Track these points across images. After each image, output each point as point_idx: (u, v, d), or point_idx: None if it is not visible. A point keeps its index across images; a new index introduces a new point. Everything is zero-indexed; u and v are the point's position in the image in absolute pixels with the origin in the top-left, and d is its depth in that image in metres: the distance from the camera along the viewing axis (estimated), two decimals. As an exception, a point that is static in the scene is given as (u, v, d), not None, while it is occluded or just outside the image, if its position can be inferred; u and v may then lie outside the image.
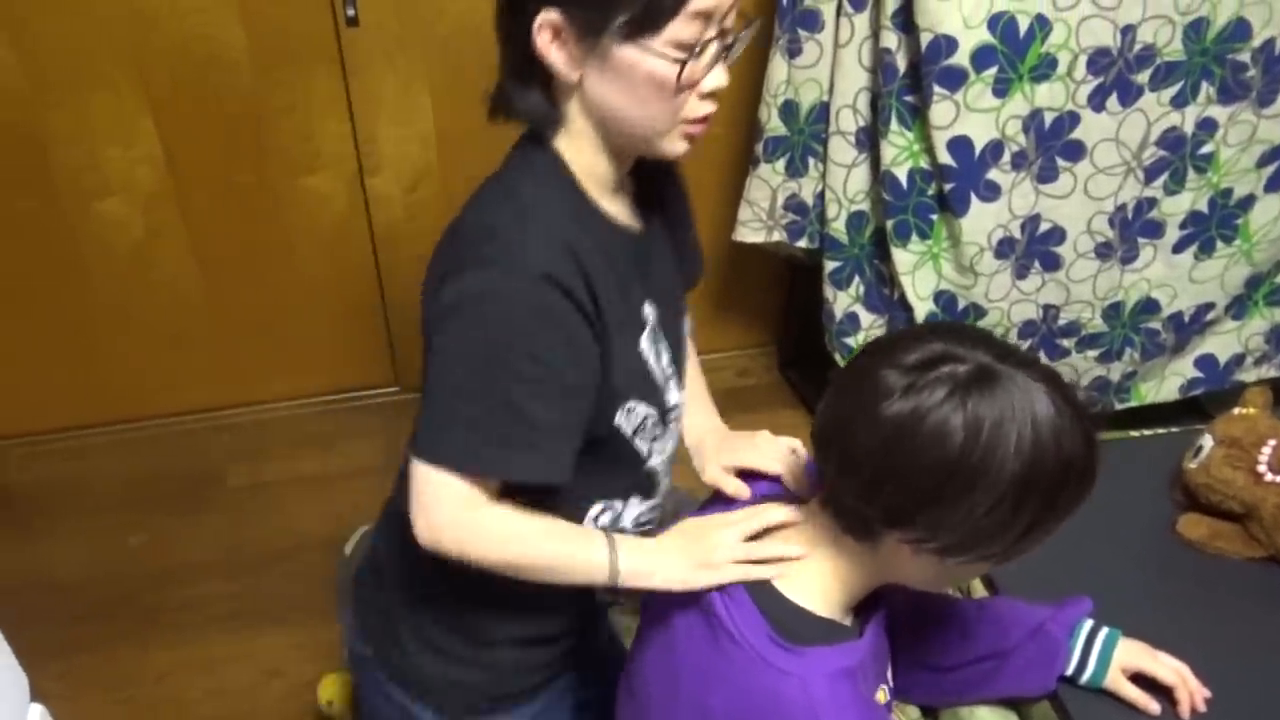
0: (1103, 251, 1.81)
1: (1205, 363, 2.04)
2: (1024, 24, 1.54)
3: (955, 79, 1.57)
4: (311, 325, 2.27)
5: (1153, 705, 1.26)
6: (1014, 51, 1.56)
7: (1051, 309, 1.88)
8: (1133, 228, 1.80)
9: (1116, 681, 1.28)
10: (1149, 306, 1.91)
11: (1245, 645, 1.37)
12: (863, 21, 1.65)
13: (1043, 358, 1.95)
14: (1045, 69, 1.58)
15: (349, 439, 2.33)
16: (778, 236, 1.94)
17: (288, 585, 2.03)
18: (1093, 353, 1.95)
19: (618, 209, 1.02)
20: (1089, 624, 1.31)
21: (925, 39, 1.54)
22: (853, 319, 1.94)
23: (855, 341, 1.96)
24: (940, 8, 1.52)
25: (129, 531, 2.15)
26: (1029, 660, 1.30)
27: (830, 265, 1.89)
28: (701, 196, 2.29)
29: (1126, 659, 1.28)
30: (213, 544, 2.13)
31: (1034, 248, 1.79)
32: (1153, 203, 1.78)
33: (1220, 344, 2.02)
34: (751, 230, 1.97)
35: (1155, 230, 1.81)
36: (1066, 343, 1.93)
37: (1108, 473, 1.62)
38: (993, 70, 1.57)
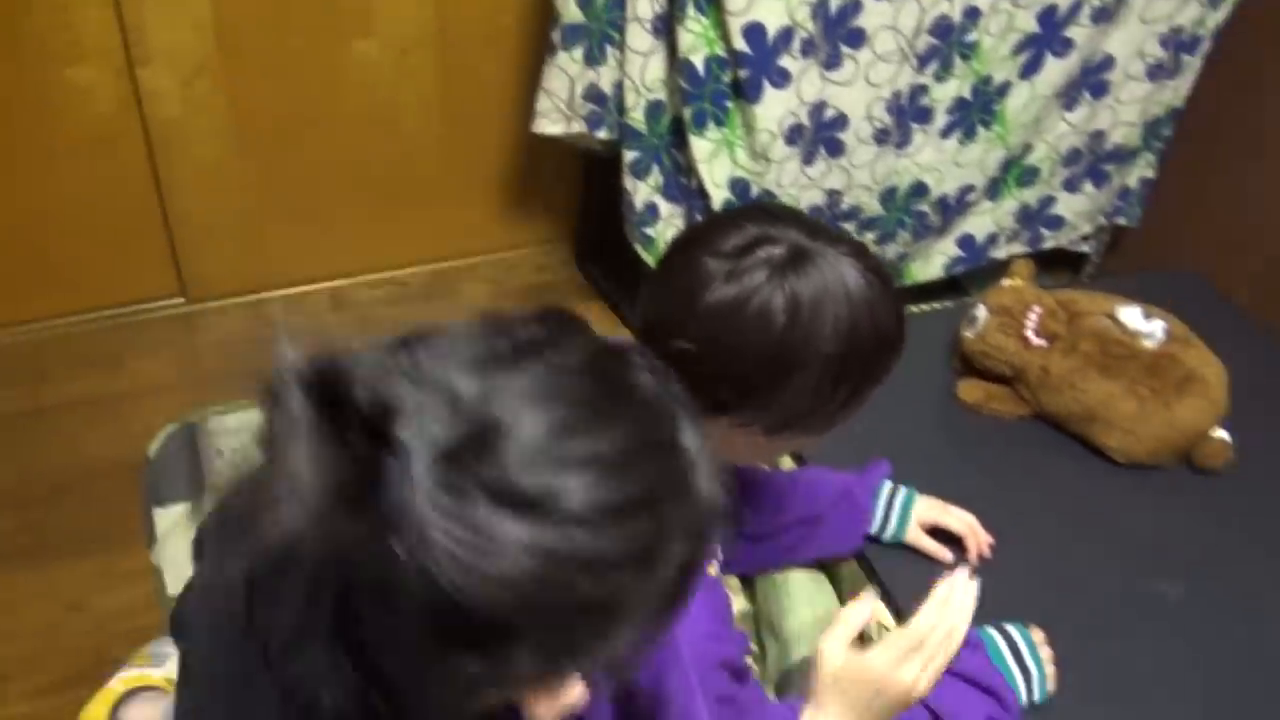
0: (880, 138, 1.94)
1: (965, 242, 2.23)
2: (810, -89, 1.61)
3: (748, -34, 1.63)
4: (82, 235, 2.10)
5: (946, 554, 1.40)
6: (802, -62, 1.63)
7: (835, 194, 2.00)
8: (907, 114, 1.93)
9: (915, 536, 1.41)
10: (919, 190, 2.06)
11: (1018, 494, 1.54)
12: (661, -93, 1.68)
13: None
14: (830, -44, 1.67)
15: (135, 356, 2.19)
16: (577, 128, 1.96)
17: (81, 515, 1.91)
18: (870, 235, 2.10)
19: None
20: (888, 485, 1.43)
21: (719, -75, 1.59)
22: (652, 209, 1.99)
23: (655, 232, 2.02)
24: (732, -107, 1.57)
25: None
26: (837, 524, 1.41)
27: (629, 156, 1.93)
28: (495, 90, 2.28)
29: (923, 515, 1.41)
30: (-6, 477, 1.98)
31: (820, 134, 1.89)
32: (924, 89, 1.91)
33: (978, 224, 2.21)
34: (551, 122, 1.97)
35: (925, 116, 1.95)
36: (849, 226, 2.06)
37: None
38: (783, -43, 1.64)
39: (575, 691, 0.63)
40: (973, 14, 1.83)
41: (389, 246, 2.36)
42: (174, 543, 1.84)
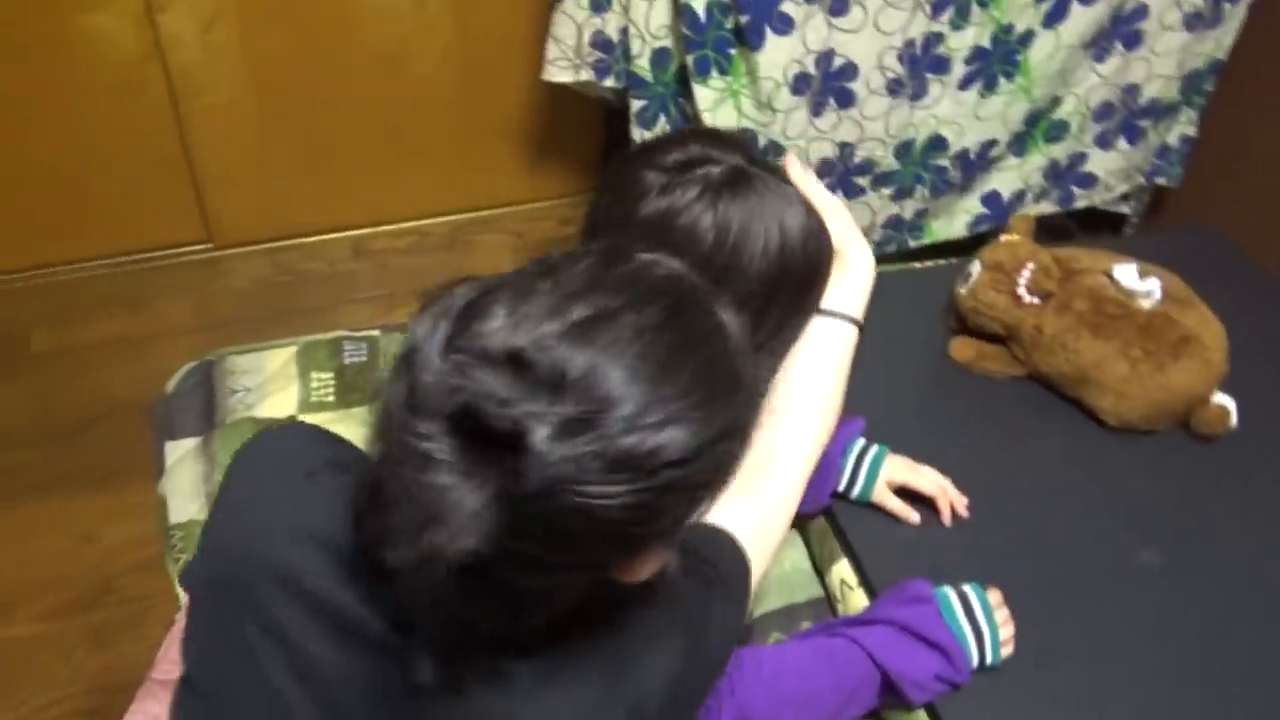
0: (893, 88, 1.88)
1: (990, 199, 2.16)
2: None
3: (745, -93, 1.59)
4: (110, 180, 2.16)
5: (913, 516, 1.37)
6: (801, -122, 1.58)
7: (847, 146, 1.95)
8: (921, 64, 1.87)
9: (882, 495, 1.38)
10: (937, 144, 2.00)
11: (1002, 454, 1.49)
12: None
13: (840, 197, 2.03)
14: (832, -103, 1.61)
15: (160, 299, 2.25)
16: (585, 75, 1.94)
17: (99, 450, 1.98)
18: (886, 190, 2.04)
19: None
20: (860, 443, 1.41)
21: None
22: (661, 159, 1.97)
23: (664, 182, 2.00)
24: None
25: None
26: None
27: (636, 104, 1.90)
28: (514, 38, 2.27)
29: (891, 474, 1.38)
30: (19, 411, 2.06)
31: (828, 84, 1.84)
32: (939, 38, 1.84)
33: (1004, 180, 2.14)
34: (559, 69, 1.96)
35: (942, 66, 1.89)
36: (862, 181, 2.01)
37: (888, 302, 1.73)
38: (781, -102, 1.59)
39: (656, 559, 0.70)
40: (990, -42, 1.76)
41: (410, 196, 2.38)
42: (180, 474, 1.88)
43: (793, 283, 0.99)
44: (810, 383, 1.04)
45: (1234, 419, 1.47)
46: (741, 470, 0.72)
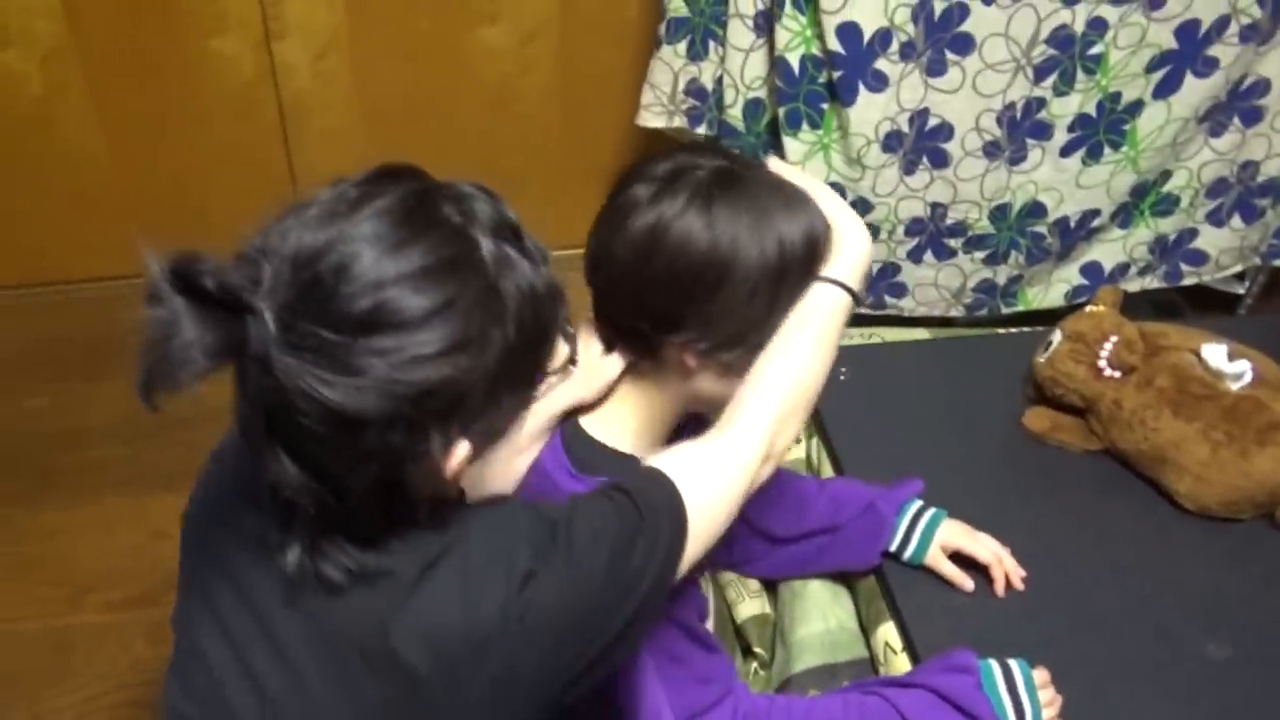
0: (990, 151, 1.84)
1: (1091, 270, 2.09)
2: (912, -92, 1.55)
3: (843, -39, 1.59)
4: (220, 193, 2.26)
5: (967, 582, 1.32)
6: (902, -64, 1.58)
7: (939, 207, 1.91)
8: (1021, 128, 1.83)
9: (936, 559, 1.34)
10: (1035, 210, 1.95)
11: (1071, 530, 1.43)
12: (762, -98, 1.66)
13: (930, 258, 2.00)
14: (934, -44, 1.60)
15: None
16: (679, 122, 1.96)
17: (182, 451, 2.04)
18: (979, 254, 1.99)
19: None
20: (917, 504, 1.37)
21: (815, -81, 1.56)
22: (748, 208, 1.97)
23: (750, 231, 1.99)
24: (830, -114, 1.53)
25: (27, 395, 2.17)
26: (857, 535, 1.36)
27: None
28: (615, 82, 2.31)
29: (947, 538, 1.34)
30: (111, 410, 2.14)
31: (922, 143, 1.81)
32: (1041, 103, 1.80)
33: (1106, 251, 2.07)
34: (654, 115, 1.98)
35: (1043, 131, 1.84)
36: (953, 243, 1.97)
37: (966, 366, 1.68)
38: (881, -46, 1.59)
39: (463, 451, 0.78)
40: (1098, 25, 1.71)
41: (505, 230, 2.42)
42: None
43: (797, 267, 0.98)
44: (793, 340, 0.99)
45: (1324, 514, 1.38)
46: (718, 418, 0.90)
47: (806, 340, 0.98)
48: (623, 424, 1.09)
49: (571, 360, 0.89)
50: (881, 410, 1.60)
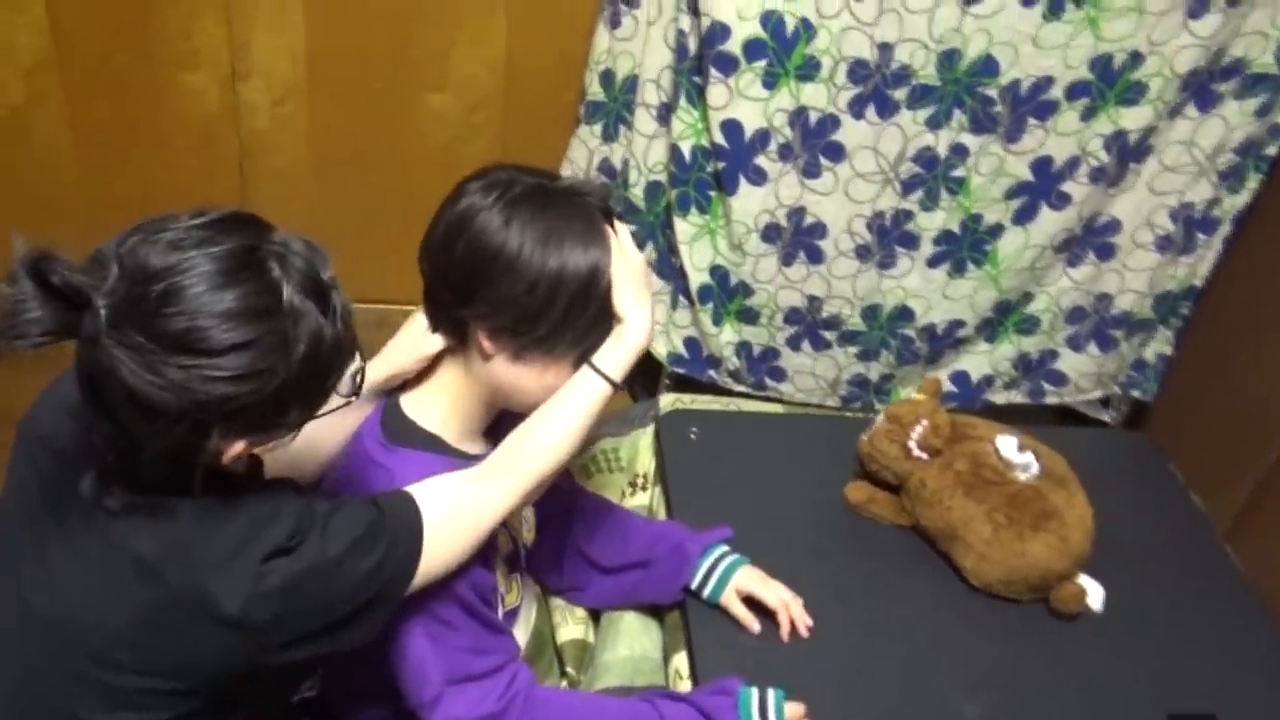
0: (862, 253, 2.02)
1: (959, 379, 2.25)
2: (790, 24, 1.74)
3: (728, 65, 1.77)
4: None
5: (753, 625, 1.46)
6: (782, 48, 1.76)
7: (816, 300, 2.08)
8: (890, 236, 2.01)
9: (730, 600, 1.48)
10: (904, 313, 2.11)
11: (865, 593, 1.57)
12: (669, 2, 1.85)
13: (807, 346, 2.16)
14: (809, 70, 1.79)
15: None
16: (590, 197, 2.14)
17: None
18: (853, 349, 2.16)
19: None
20: (722, 549, 1.51)
21: (705, 23, 1.75)
22: (644, 281, 2.13)
23: (645, 303, 2.16)
24: (718, -4, 1.73)
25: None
26: (665, 571, 1.50)
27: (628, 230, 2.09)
28: (549, 158, 2.48)
29: (741, 582, 1.48)
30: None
31: (799, 238, 1.99)
32: (909, 215, 1.98)
33: (973, 362, 2.23)
34: (569, 188, 2.16)
35: (911, 242, 2.02)
36: (829, 335, 2.13)
37: (810, 441, 1.84)
38: (762, 63, 1.77)
39: (238, 447, 0.99)
40: (960, 150, 1.89)
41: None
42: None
43: (574, 284, 1.15)
44: (547, 419, 1.19)
45: (1094, 602, 1.52)
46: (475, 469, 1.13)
47: (559, 421, 1.18)
48: (434, 404, 1.26)
49: (355, 392, 1.09)
50: (721, 470, 1.75)
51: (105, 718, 1.04)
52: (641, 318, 1.20)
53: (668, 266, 2.11)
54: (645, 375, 2.39)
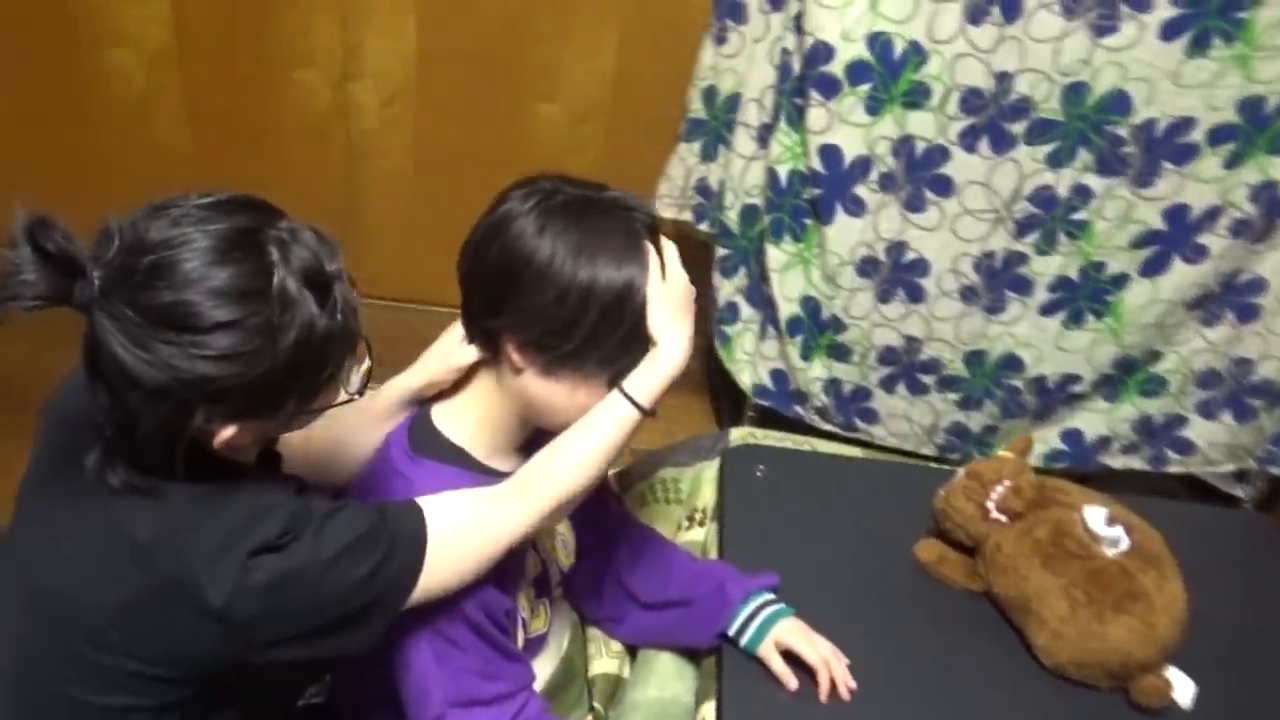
0: (967, 295, 1.88)
1: (1072, 437, 2.08)
2: (899, 47, 1.63)
3: (829, 87, 1.68)
4: (284, 207, 2.46)
5: (790, 681, 1.35)
6: (888, 72, 1.65)
7: (914, 340, 1.95)
8: (1000, 278, 1.86)
9: (768, 652, 1.37)
10: (1012, 362, 1.96)
11: (922, 661, 1.43)
12: (777, 20, 1.77)
13: (903, 389, 2.03)
14: (918, 96, 1.68)
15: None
16: (686, 215, 2.06)
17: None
18: (953, 396, 2.01)
19: None
20: (766, 596, 1.40)
21: (808, 43, 1.66)
22: (733, 309, 2.04)
23: (733, 331, 2.07)
24: (824, 15, 1.63)
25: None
26: (703, 613, 1.40)
27: (721, 252, 2.00)
28: (654, 171, 2.43)
29: (782, 634, 1.37)
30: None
31: (898, 274, 1.87)
32: (1022, 258, 1.83)
33: (1088, 421, 2.05)
34: (666, 205, 2.09)
35: (1023, 286, 1.87)
36: (927, 379, 2.00)
37: (884, 490, 1.70)
38: (866, 86, 1.67)
39: (229, 432, 0.95)
40: (1082, 192, 1.74)
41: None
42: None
43: (605, 297, 1.08)
44: (573, 443, 1.12)
45: (1182, 698, 1.34)
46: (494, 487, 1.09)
47: (583, 445, 1.11)
48: (464, 417, 1.20)
49: (361, 390, 1.04)
50: (784, 511, 1.63)
51: (98, 699, 1.02)
52: (677, 343, 1.11)
53: (758, 294, 2.01)
54: (733, 406, 2.30)
